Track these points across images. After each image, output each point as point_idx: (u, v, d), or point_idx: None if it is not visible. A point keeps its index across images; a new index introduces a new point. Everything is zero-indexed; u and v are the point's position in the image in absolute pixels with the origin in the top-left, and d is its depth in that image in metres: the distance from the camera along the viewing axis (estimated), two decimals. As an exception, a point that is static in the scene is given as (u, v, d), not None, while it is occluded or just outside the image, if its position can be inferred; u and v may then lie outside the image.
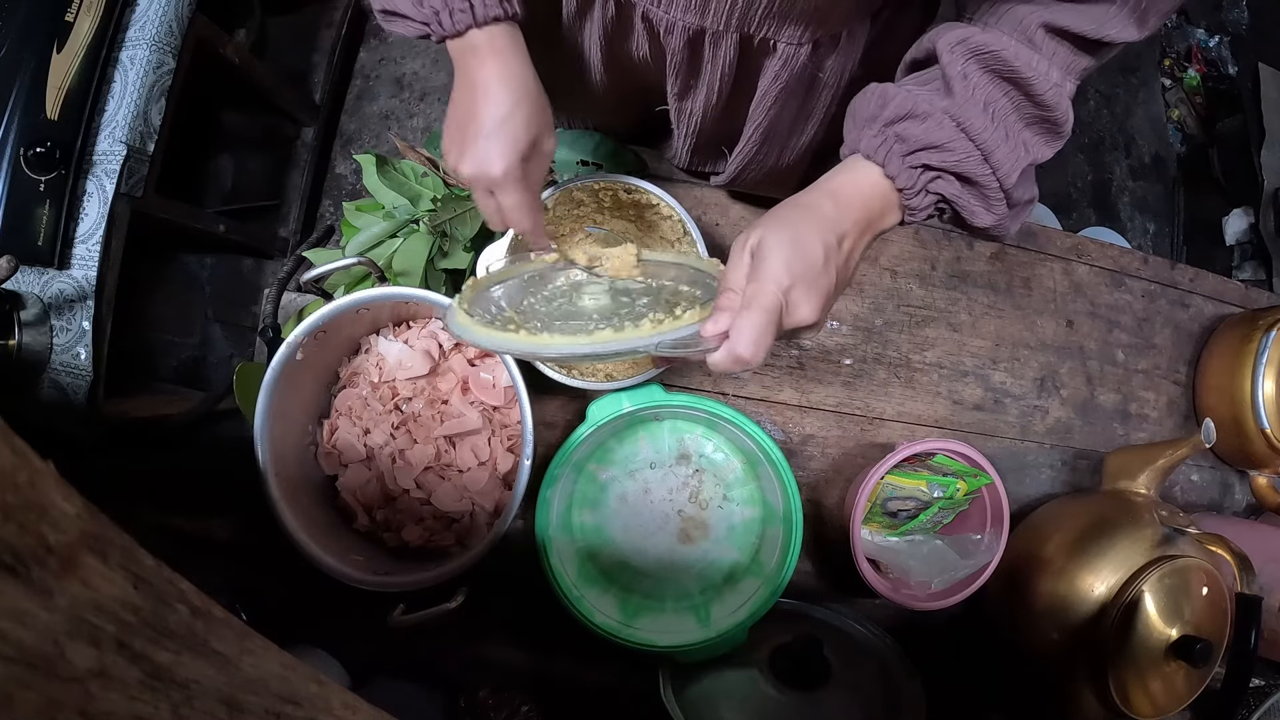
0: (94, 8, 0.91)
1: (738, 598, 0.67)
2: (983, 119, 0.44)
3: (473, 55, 0.48)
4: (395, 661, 0.70)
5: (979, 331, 0.84)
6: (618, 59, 0.61)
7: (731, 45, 0.54)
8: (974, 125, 0.43)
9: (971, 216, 0.47)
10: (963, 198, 0.46)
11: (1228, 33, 2.03)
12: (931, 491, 0.73)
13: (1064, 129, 0.45)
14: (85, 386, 0.94)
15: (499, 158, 0.48)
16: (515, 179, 0.49)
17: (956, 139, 0.44)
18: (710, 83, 0.59)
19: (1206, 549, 0.66)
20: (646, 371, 0.66)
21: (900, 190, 0.45)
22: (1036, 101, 0.44)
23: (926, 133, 0.44)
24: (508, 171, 0.48)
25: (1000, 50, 0.43)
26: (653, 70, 0.61)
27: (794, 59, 0.54)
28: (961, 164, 0.44)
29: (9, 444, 0.20)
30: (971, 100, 0.44)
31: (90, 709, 0.20)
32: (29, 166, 0.87)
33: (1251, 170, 1.65)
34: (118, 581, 0.22)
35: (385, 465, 0.66)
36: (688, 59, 0.57)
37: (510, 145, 0.48)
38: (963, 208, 0.46)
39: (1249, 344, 0.81)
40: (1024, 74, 0.43)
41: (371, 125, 1.65)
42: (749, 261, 0.43)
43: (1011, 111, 0.44)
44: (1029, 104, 0.44)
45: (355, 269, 0.65)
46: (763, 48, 0.54)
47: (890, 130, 0.45)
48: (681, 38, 0.54)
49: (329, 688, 0.32)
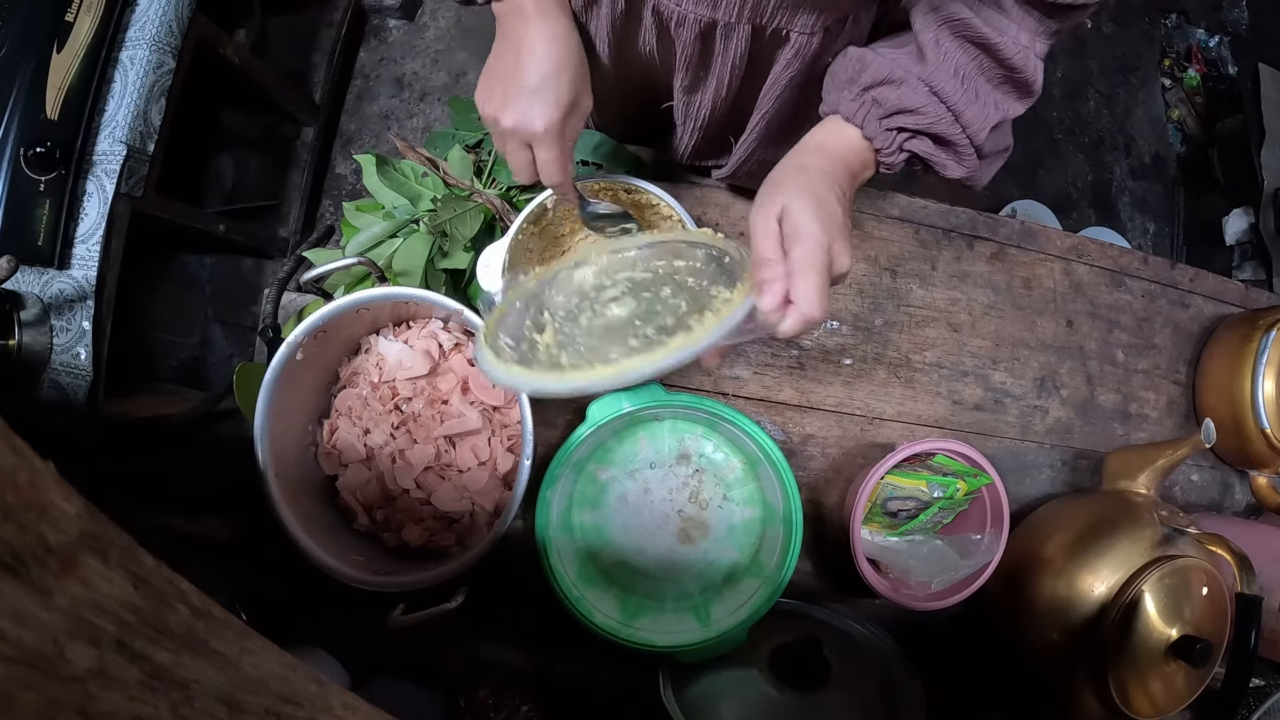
0: (94, 8, 0.91)
1: (738, 598, 0.67)
2: (953, 83, 0.47)
3: (519, 16, 0.49)
4: (395, 661, 0.70)
5: (979, 331, 0.84)
6: (624, 54, 0.61)
7: (743, 37, 0.55)
8: (946, 89, 0.47)
9: (944, 169, 0.51)
10: (936, 155, 0.50)
11: (1228, 33, 2.03)
12: (931, 491, 0.73)
13: (1034, 87, 0.48)
14: (85, 386, 0.94)
15: (541, 114, 0.49)
16: (555, 134, 0.50)
17: (929, 103, 0.47)
18: (720, 75, 0.60)
19: (1206, 549, 0.66)
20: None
21: (877, 150, 0.49)
22: (1005, 64, 0.47)
23: (901, 97, 0.47)
24: (549, 127, 0.50)
25: (969, 18, 0.46)
26: (659, 66, 0.62)
27: (806, 48, 0.55)
28: (934, 125, 0.48)
29: (9, 444, 0.20)
30: (943, 65, 0.47)
31: (90, 709, 0.20)
32: (29, 166, 0.87)
33: (1251, 170, 1.64)
34: (118, 581, 0.22)
35: (385, 465, 0.66)
36: (698, 52, 0.57)
37: (554, 102, 0.49)
38: (936, 163, 0.51)
39: (1249, 344, 0.81)
40: (992, 39, 0.46)
41: (371, 125, 1.65)
42: (777, 229, 0.44)
43: (980, 74, 0.48)
44: (998, 67, 0.47)
45: (355, 269, 0.65)
46: (775, 38, 0.55)
47: (868, 94, 0.49)
48: (693, 30, 0.55)
49: (329, 688, 0.32)
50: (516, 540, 0.65)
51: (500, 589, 0.66)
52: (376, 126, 1.65)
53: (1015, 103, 0.49)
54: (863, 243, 0.82)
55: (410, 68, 1.69)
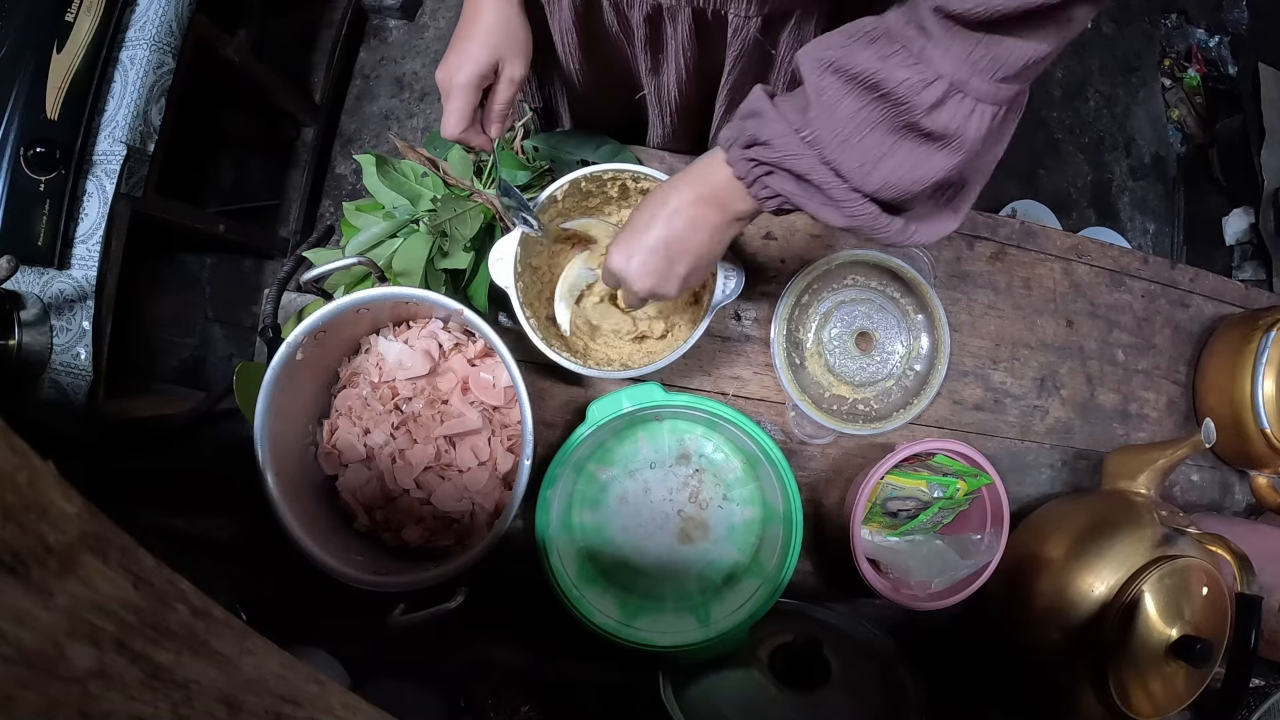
0: (94, 8, 0.91)
1: (738, 598, 0.67)
2: (826, 122, 0.42)
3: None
4: (395, 661, 0.70)
5: (979, 331, 0.84)
6: (593, 43, 0.64)
7: (686, 19, 0.57)
8: (810, 125, 0.42)
9: (816, 213, 0.46)
10: (799, 195, 0.46)
11: (1228, 33, 2.03)
12: (931, 491, 0.73)
13: (949, 139, 0.41)
14: (85, 386, 0.94)
15: (455, 65, 0.55)
16: (461, 87, 0.55)
17: (783, 136, 0.44)
18: (676, 58, 0.63)
19: (1206, 549, 0.66)
20: (659, 361, 0.65)
21: (740, 179, 0.48)
22: (903, 104, 0.40)
23: (759, 128, 0.45)
24: (455, 78, 0.55)
25: (859, 64, 0.40)
26: (624, 53, 0.65)
27: (744, 31, 0.57)
28: (785, 160, 0.44)
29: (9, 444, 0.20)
30: (820, 105, 0.42)
31: (90, 709, 0.20)
32: (29, 166, 0.87)
33: (1251, 170, 1.64)
34: (118, 581, 0.22)
35: (385, 465, 0.66)
36: (650, 36, 0.61)
37: (472, 57, 0.54)
38: (803, 203, 0.46)
39: (1249, 344, 0.81)
40: (887, 82, 0.40)
41: (371, 125, 1.65)
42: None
43: (880, 121, 0.41)
44: (897, 109, 0.41)
45: (355, 269, 0.65)
46: (718, 21, 0.57)
47: (741, 123, 0.47)
48: (642, 12, 0.58)
49: (329, 688, 0.32)
50: (516, 540, 0.65)
51: (500, 589, 0.66)
52: (376, 126, 1.65)
53: (936, 153, 0.41)
54: (863, 243, 0.82)
55: (410, 68, 1.68)
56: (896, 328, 0.75)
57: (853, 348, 0.75)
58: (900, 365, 0.75)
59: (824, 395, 0.74)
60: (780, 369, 0.71)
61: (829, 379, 0.75)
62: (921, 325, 0.74)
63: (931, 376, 0.72)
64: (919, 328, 0.74)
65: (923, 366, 0.74)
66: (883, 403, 0.74)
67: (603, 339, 0.72)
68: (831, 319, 0.75)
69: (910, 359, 0.74)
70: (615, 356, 0.71)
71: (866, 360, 0.75)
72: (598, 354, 0.71)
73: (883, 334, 0.75)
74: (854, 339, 0.75)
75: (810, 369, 0.75)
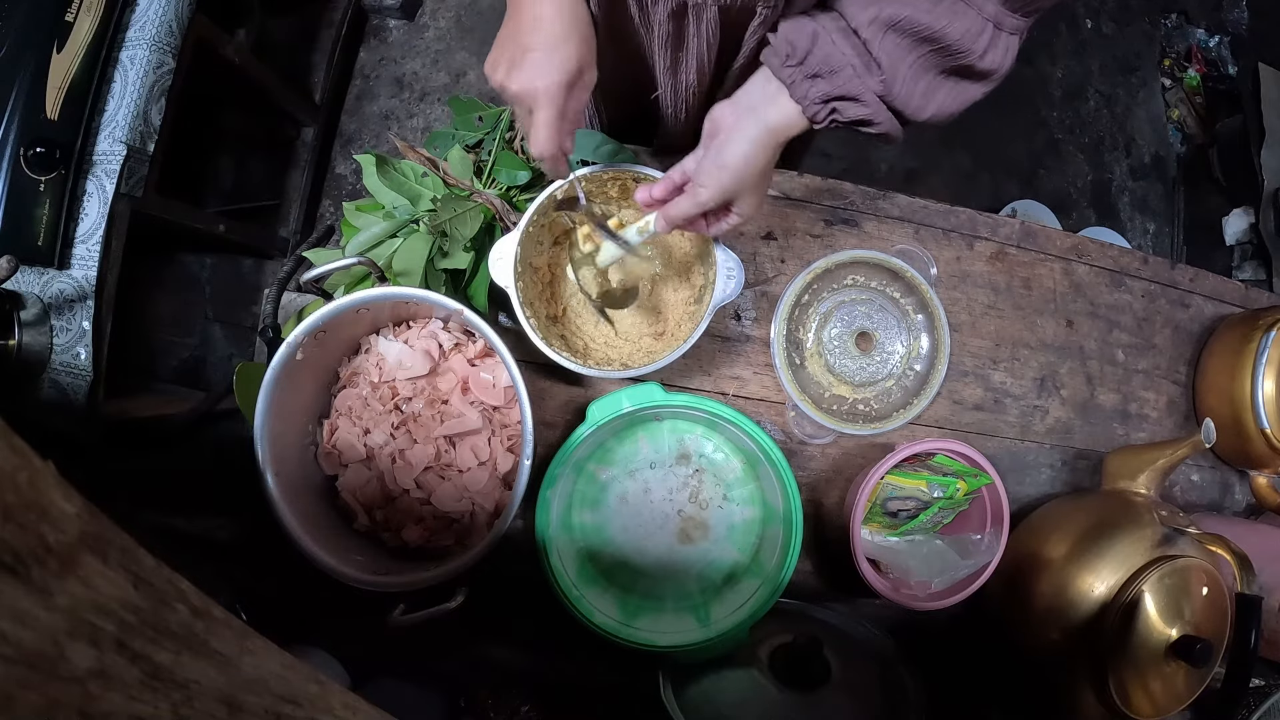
0: (94, 8, 0.91)
1: (738, 598, 0.67)
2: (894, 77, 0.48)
3: None
4: (395, 661, 0.70)
5: (979, 331, 0.84)
6: (614, 40, 0.63)
7: (712, 16, 0.57)
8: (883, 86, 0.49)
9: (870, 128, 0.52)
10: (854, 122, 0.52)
11: (1228, 33, 2.03)
12: (931, 491, 0.73)
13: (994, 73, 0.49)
14: (85, 386, 0.94)
15: (543, 75, 0.51)
16: (554, 97, 0.51)
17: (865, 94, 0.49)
18: (698, 54, 0.62)
19: (1206, 549, 0.66)
20: (659, 361, 0.65)
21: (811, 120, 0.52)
22: (960, 52, 0.47)
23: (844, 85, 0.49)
24: (548, 89, 0.51)
25: (920, 22, 0.46)
26: (644, 51, 0.64)
27: (772, 16, 0.56)
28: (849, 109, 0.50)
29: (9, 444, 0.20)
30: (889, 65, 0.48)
31: (90, 709, 0.20)
32: (29, 166, 0.87)
33: (1251, 170, 1.64)
34: (118, 581, 0.22)
35: (385, 465, 0.66)
36: (673, 32, 0.60)
37: (559, 65, 0.51)
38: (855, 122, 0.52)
39: (1249, 344, 0.81)
40: (948, 35, 0.46)
41: (371, 125, 1.65)
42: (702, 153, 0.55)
43: (934, 67, 0.49)
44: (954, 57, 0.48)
45: (355, 269, 0.65)
46: (743, 14, 0.57)
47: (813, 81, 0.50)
48: (665, 9, 0.57)
49: (329, 688, 0.32)
50: (516, 540, 0.65)
51: (500, 589, 0.66)
52: (376, 126, 1.65)
53: (978, 86, 0.50)
54: (863, 243, 0.82)
55: (410, 68, 1.69)
56: (896, 328, 0.75)
57: (853, 348, 0.75)
58: (900, 365, 0.75)
59: (824, 395, 0.74)
60: (780, 369, 0.71)
61: (829, 379, 0.75)
62: (921, 325, 0.74)
63: (931, 376, 0.72)
64: (919, 328, 0.74)
65: (923, 366, 0.74)
66: (883, 403, 0.74)
67: (623, 333, 0.74)
68: (831, 319, 0.75)
69: (910, 359, 0.74)
70: (615, 356, 0.71)
71: (866, 360, 0.75)
72: (598, 354, 0.71)
73: (883, 334, 0.75)
74: (854, 339, 0.75)
75: (810, 369, 0.75)
